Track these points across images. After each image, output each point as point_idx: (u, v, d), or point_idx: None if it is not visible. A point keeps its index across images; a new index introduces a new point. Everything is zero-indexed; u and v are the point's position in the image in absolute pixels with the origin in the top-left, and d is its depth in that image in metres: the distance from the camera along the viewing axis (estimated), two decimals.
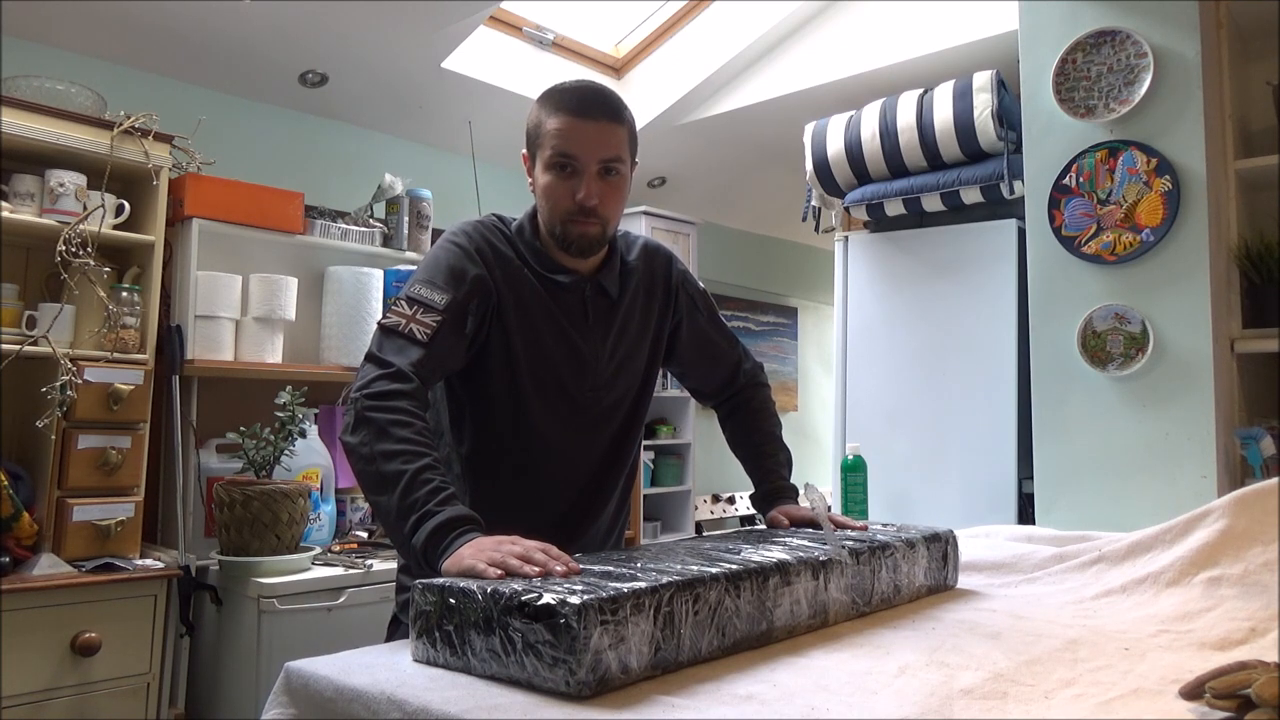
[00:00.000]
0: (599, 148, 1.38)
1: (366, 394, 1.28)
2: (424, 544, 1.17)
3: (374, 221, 3.15)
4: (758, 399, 1.73)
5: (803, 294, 5.61)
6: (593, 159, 1.38)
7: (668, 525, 4.30)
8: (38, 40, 2.68)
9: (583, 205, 1.38)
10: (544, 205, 1.42)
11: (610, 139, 1.40)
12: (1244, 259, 2.07)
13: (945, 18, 3.24)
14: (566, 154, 1.38)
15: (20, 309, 2.34)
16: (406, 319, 1.33)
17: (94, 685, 2.20)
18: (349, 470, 2.98)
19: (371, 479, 1.25)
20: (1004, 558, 1.69)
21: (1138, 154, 2.08)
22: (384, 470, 1.23)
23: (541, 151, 1.40)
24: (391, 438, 1.24)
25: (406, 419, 1.25)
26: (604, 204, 1.40)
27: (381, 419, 1.25)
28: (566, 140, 1.37)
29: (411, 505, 1.20)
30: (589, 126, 1.38)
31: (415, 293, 1.36)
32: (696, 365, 1.68)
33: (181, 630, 2.44)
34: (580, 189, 1.38)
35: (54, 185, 2.35)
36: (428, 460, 1.23)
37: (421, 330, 1.32)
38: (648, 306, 1.57)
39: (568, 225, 1.40)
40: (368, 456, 1.25)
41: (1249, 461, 1.96)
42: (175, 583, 2.38)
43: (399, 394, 1.27)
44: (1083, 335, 2.11)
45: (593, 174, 1.38)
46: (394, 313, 1.35)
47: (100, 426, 2.34)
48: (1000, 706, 0.95)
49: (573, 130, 1.37)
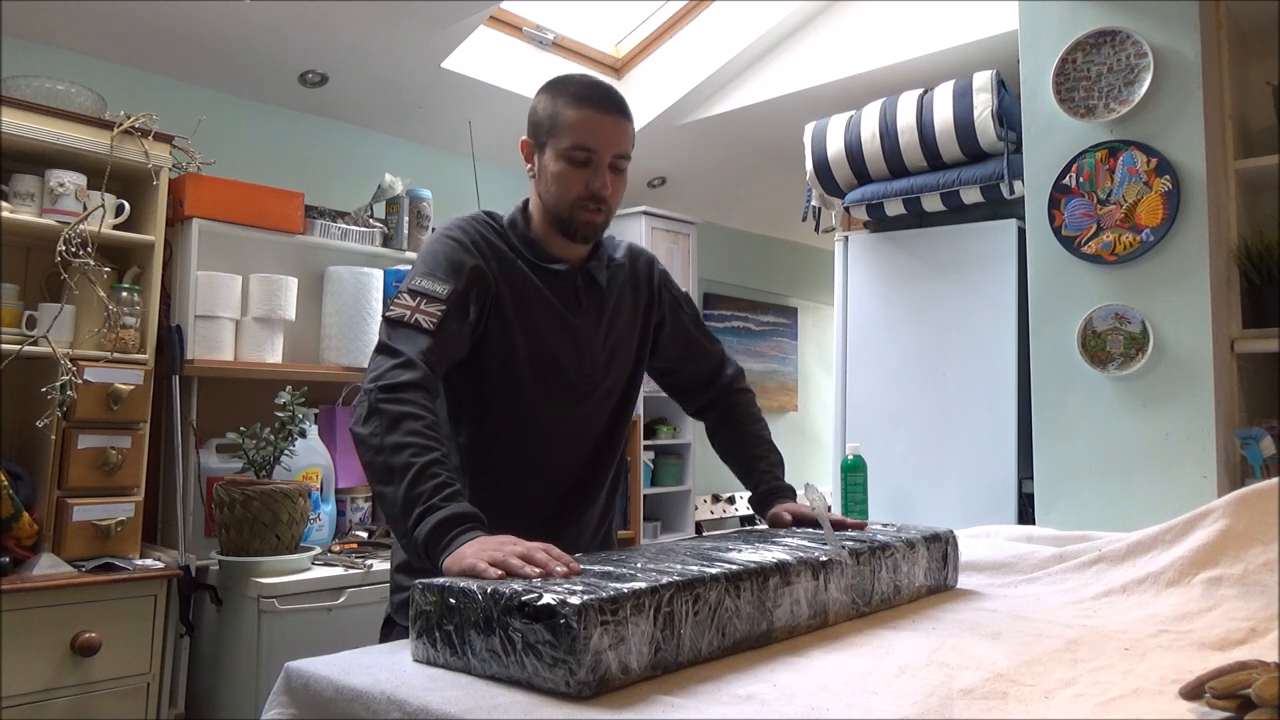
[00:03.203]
0: (614, 142, 1.45)
1: (380, 385, 1.29)
2: (426, 538, 1.18)
3: (374, 221, 3.15)
4: (743, 403, 1.74)
5: (803, 294, 5.61)
6: (608, 152, 1.44)
7: (668, 525, 4.30)
8: (38, 40, 2.68)
9: (596, 194, 1.44)
10: (553, 191, 1.46)
11: (623, 135, 1.47)
12: (1244, 259, 2.07)
13: (945, 18, 3.24)
14: (587, 146, 1.43)
15: (20, 309, 2.34)
16: (411, 309, 1.36)
17: (94, 685, 2.20)
18: (349, 470, 3.02)
19: (379, 470, 1.27)
20: (1004, 558, 1.69)
21: (1138, 154, 2.08)
22: (392, 462, 1.24)
23: (556, 141, 1.44)
24: (401, 430, 1.25)
25: (418, 412, 1.27)
26: (612, 195, 1.47)
27: (393, 410, 1.27)
28: (587, 133, 1.43)
29: (416, 498, 1.21)
30: (608, 121, 1.44)
31: (417, 285, 1.39)
32: (681, 363, 1.71)
33: (181, 630, 2.44)
34: (595, 179, 1.44)
35: (54, 185, 2.35)
36: (436, 455, 1.24)
37: (428, 319, 1.35)
38: (634, 304, 1.62)
39: (576, 211, 1.46)
40: (377, 448, 1.26)
41: (1249, 461, 1.96)
42: (175, 583, 2.38)
43: (411, 385, 1.29)
44: (1083, 335, 2.11)
45: (605, 166, 1.45)
46: (398, 305, 1.38)
47: (100, 426, 2.34)
48: (1000, 706, 0.95)
49: (594, 124, 1.43)
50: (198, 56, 2.92)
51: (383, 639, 1.48)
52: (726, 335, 5.05)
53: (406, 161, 3.48)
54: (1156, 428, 2.03)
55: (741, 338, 5.15)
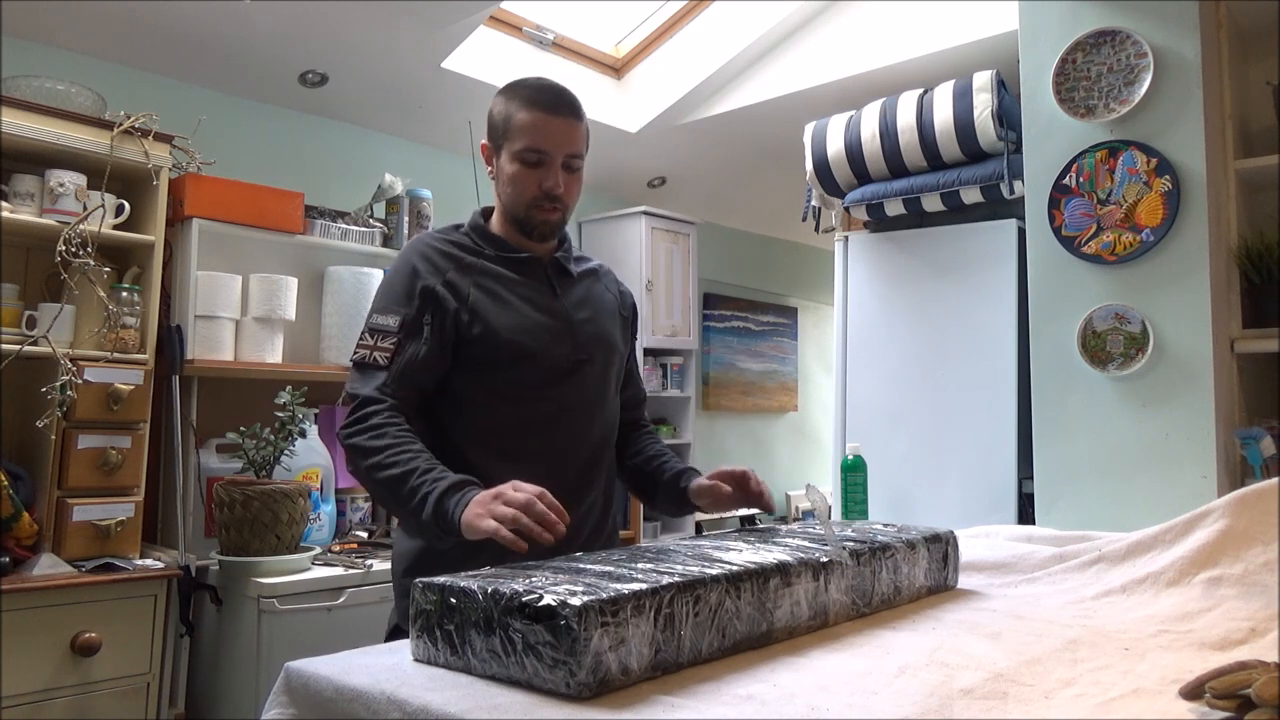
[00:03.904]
0: (565, 143, 1.51)
1: (345, 429, 1.42)
2: (433, 519, 1.30)
3: (374, 221, 3.15)
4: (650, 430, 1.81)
5: (803, 294, 5.61)
6: (560, 153, 1.51)
7: (668, 525, 4.29)
8: (38, 40, 2.68)
9: (550, 193, 1.51)
10: (510, 192, 1.53)
11: (575, 135, 1.53)
12: (1244, 259, 2.07)
13: (945, 18, 3.24)
14: (538, 148, 1.49)
15: (20, 309, 2.34)
16: (370, 349, 1.47)
17: (94, 685, 2.20)
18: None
19: (377, 491, 1.41)
20: (1004, 558, 1.69)
21: (1138, 154, 2.08)
22: (379, 479, 1.37)
23: (510, 143, 1.51)
24: (371, 451, 1.38)
25: (380, 428, 1.39)
26: (566, 193, 1.53)
27: (359, 441, 1.39)
28: (538, 135, 1.49)
29: (410, 494, 1.33)
30: (558, 123, 1.50)
31: (374, 323, 1.49)
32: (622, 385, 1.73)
33: (181, 630, 2.44)
34: (548, 179, 1.50)
35: (54, 185, 2.35)
36: (409, 454, 1.36)
37: (383, 356, 1.46)
38: (613, 303, 1.69)
39: (532, 211, 1.52)
40: (364, 476, 1.40)
41: (1249, 461, 1.96)
42: (175, 583, 2.38)
43: (367, 415, 1.41)
44: (1083, 335, 2.11)
45: (558, 166, 1.51)
46: (360, 346, 1.49)
47: (100, 426, 2.35)
48: (1000, 706, 0.95)
49: (544, 126, 1.50)
50: (198, 56, 2.92)
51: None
52: (726, 335, 5.05)
53: (406, 161, 3.49)
54: (1156, 428, 2.03)
55: (741, 338, 5.15)
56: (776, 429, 5.39)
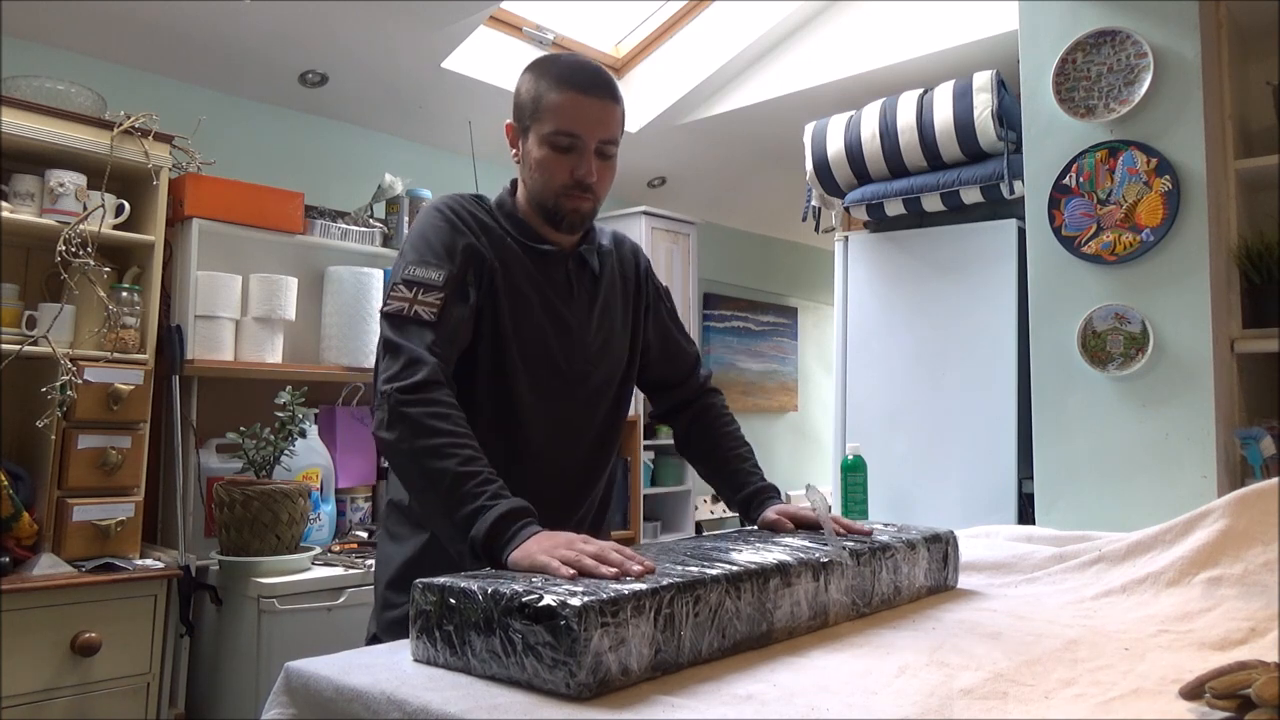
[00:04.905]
0: (600, 127, 1.38)
1: (398, 388, 1.24)
2: (485, 537, 1.15)
3: (374, 221, 3.15)
4: (717, 404, 1.68)
5: (803, 294, 5.61)
6: (594, 138, 1.37)
7: (668, 525, 4.30)
8: (38, 40, 2.68)
9: (581, 181, 1.38)
10: (538, 179, 1.40)
11: (610, 119, 1.39)
12: (1244, 259, 2.07)
13: (945, 18, 3.24)
14: (570, 132, 1.36)
15: (20, 309, 2.34)
16: (409, 302, 1.31)
17: (94, 685, 2.20)
18: (349, 470, 3.02)
19: (414, 475, 1.24)
20: (1004, 558, 1.69)
21: (1138, 154, 2.08)
22: (428, 467, 1.21)
23: (539, 125, 1.38)
24: (430, 431, 1.22)
25: (443, 409, 1.24)
26: (599, 182, 1.40)
27: (417, 413, 1.23)
28: (570, 118, 1.36)
29: (462, 499, 1.18)
30: (593, 105, 1.37)
31: (411, 274, 1.33)
32: (657, 359, 1.64)
33: (181, 630, 2.44)
34: (580, 166, 1.37)
35: (54, 185, 2.35)
36: (471, 451, 1.21)
37: (428, 310, 1.30)
38: (625, 293, 1.56)
39: (561, 200, 1.40)
40: (409, 453, 1.23)
41: (1249, 461, 1.96)
42: (175, 583, 2.38)
43: (429, 383, 1.25)
44: (1083, 335, 2.11)
45: (591, 152, 1.38)
46: (395, 298, 1.32)
47: (100, 426, 2.35)
48: (1000, 706, 0.95)
49: (578, 107, 1.36)
50: (198, 56, 2.92)
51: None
52: (726, 335, 5.05)
53: (406, 161, 3.48)
54: (1156, 428, 2.03)
55: (741, 338, 5.15)
56: (777, 429, 5.39)
